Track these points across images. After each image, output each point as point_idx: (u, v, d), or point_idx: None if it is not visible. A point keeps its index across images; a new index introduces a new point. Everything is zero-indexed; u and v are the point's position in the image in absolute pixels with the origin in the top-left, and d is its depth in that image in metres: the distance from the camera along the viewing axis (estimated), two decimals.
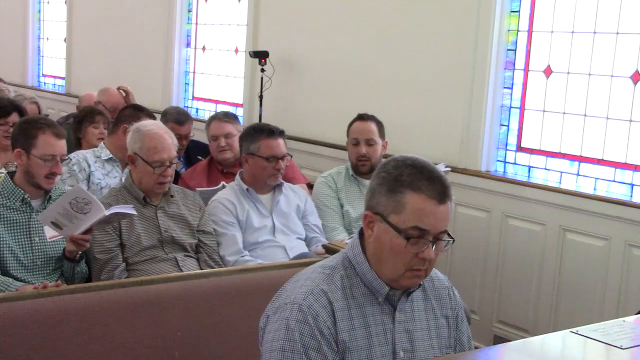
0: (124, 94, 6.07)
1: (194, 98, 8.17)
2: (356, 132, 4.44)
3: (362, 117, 4.50)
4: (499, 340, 4.90)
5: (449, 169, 4.52)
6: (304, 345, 1.97)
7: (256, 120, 6.28)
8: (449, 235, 2.06)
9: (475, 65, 5.09)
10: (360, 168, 4.42)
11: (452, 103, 5.28)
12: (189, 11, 8.15)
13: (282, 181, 4.12)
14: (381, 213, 2.03)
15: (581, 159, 4.75)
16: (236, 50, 7.53)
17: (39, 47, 11.21)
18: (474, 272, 5.10)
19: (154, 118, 4.88)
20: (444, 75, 5.33)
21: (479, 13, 5.06)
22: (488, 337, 4.99)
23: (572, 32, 4.77)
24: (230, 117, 4.87)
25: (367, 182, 4.31)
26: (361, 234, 2.13)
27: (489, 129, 5.12)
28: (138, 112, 4.61)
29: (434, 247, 2.02)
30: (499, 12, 5.01)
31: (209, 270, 3.52)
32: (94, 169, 4.37)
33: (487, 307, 5.05)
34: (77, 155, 4.45)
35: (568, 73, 4.81)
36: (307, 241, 4.09)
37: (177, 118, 5.18)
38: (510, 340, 4.25)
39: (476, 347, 2.45)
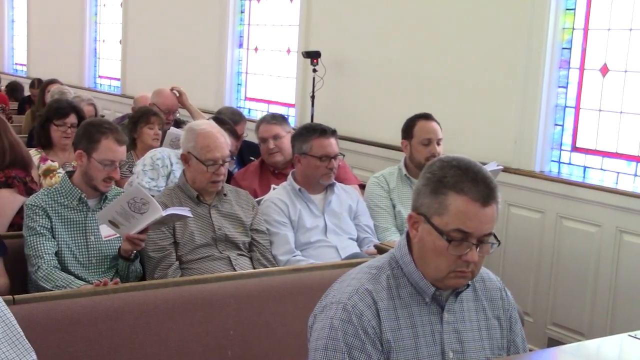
0: (177, 94, 6.14)
1: (246, 98, 8.23)
2: (428, 131, 4.35)
3: (427, 117, 4.41)
4: (553, 343, 4.83)
5: (501, 167, 4.47)
6: (348, 344, 1.97)
7: (308, 121, 6.29)
8: (495, 237, 2.01)
9: (529, 64, 5.02)
10: None
11: (505, 102, 5.22)
12: (242, 12, 8.21)
13: (334, 181, 4.12)
14: (425, 214, 2.02)
15: (639, 159, 4.66)
16: (288, 51, 7.56)
17: (95, 49, 11.43)
18: (528, 273, 5.03)
19: (236, 133, 4.92)
20: (498, 74, 5.27)
21: (533, 11, 4.99)
22: (542, 339, 4.92)
23: (630, 29, 4.67)
24: (278, 119, 4.88)
25: None
26: (408, 234, 2.11)
27: (543, 128, 5.06)
28: (219, 123, 4.61)
29: (478, 249, 1.99)
30: (554, 9, 4.93)
31: (261, 269, 3.54)
32: (175, 168, 4.46)
33: (541, 309, 4.98)
34: (163, 152, 4.57)
35: (625, 71, 4.71)
36: (359, 241, 4.09)
37: (231, 118, 5.23)
38: (564, 343, 4.20)
39: (530, 350, 2.42)
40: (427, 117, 4.41)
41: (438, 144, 4.34)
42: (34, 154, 4.66)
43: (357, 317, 1.99)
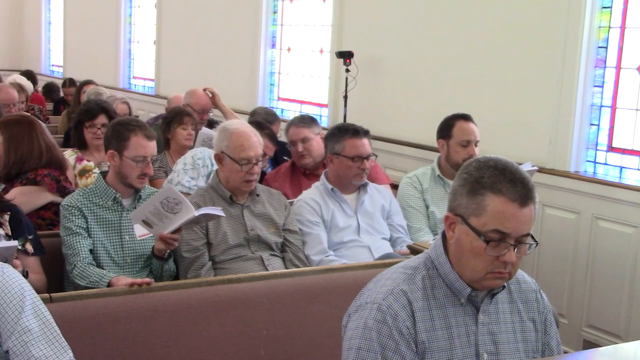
0: (210, 95, 6.17)
1: (279, 99, 8.25)
2: (467, 133, 4.31)
3: (466, 117, 4.35)
4: (588, 345, 4.77)
5: (536, 167, 4.43)
6: (381, 345, 1.97)
7: (341, 121, 6.29)
8: (532, 238, 2.01)
9: (564, 63, 4.97)
10: None
11: (540, 102, 5.17)
12: (274, 12, 8.23)
13: (367, 181, 4.11)
14: (462, 215, 2.01)
15: None
16: (321, 51, 7.57)
17: (129, 50, 11.52)
18: (563, 274, 4.98)
19: (275, 137, 4.93)
20: (532, 74, 5.22)
21: (569, 9, 4.94)
22: (577, 341, 4.87)
23: None
24: (306, 121, 4.86)
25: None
26: (444, 234, 2.11)
27: (578, 128, 5.00)
28: (259, 128, 4.63)
29: (515, 250, 1.98)
30: (589, 8, 4.87)
31: (294, 269, 3.55)
32: (216, 168, 4.48)
33: (576, 311, 4.92)
34: (204, 151, 4.60)
35: None
36: (392, 241, 4.08)
37: (265, 118, 5.25)
38: (600, 346, 4.15)
39: (565, 352, 2.40)
40: (466, 117, 4.37)
41: (475, 145, 4.31)
42: (71, 155, 4.72)
43: (392, 317, 1.99)
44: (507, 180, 1.96)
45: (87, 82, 7.52)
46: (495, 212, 1.95)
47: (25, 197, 3.73)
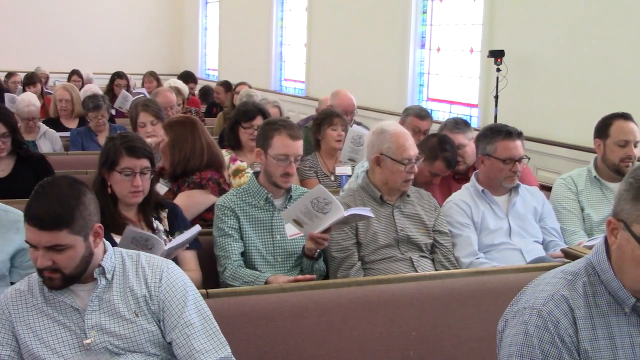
0: None
1: (428, 99, 8.20)
2: (626, 132, 4.14)
3: (625, 117, 4.18)
4: None
5: None
6: (544, 352, 1.92)
7: (491, 121, 6.19)
8: None
9: None
10: (624, 170, 4.13)
11: None
12: (424, 12, 8.20)
13: (519, 182, 4.01)
14: (624, 220, 1.92)
15: None
16: (471, 50, 7.46)
17: (281, 53, 11.80)
18: None
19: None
20: None
21: None
22: None
23: None
24: (460, 126, 4.76)
25: (610, 185, 4.11)
26: (607, 239, 2.02)
27: None
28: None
29: None
30: None
31: (444, 271, 3.52)
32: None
33: None
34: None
35: None
36: (545, 245, 3.96)
37: (418, 113, 5.24)
38: None
39: None
40: (625, 117, 4.19)
41: (635, 146, 4.12)
42: (225, 155, 4.88)
43: (553, 324, 1.93)
44: None
45: (240, 84, 7.77)
46: None
47: (192, 200, 3.92)
